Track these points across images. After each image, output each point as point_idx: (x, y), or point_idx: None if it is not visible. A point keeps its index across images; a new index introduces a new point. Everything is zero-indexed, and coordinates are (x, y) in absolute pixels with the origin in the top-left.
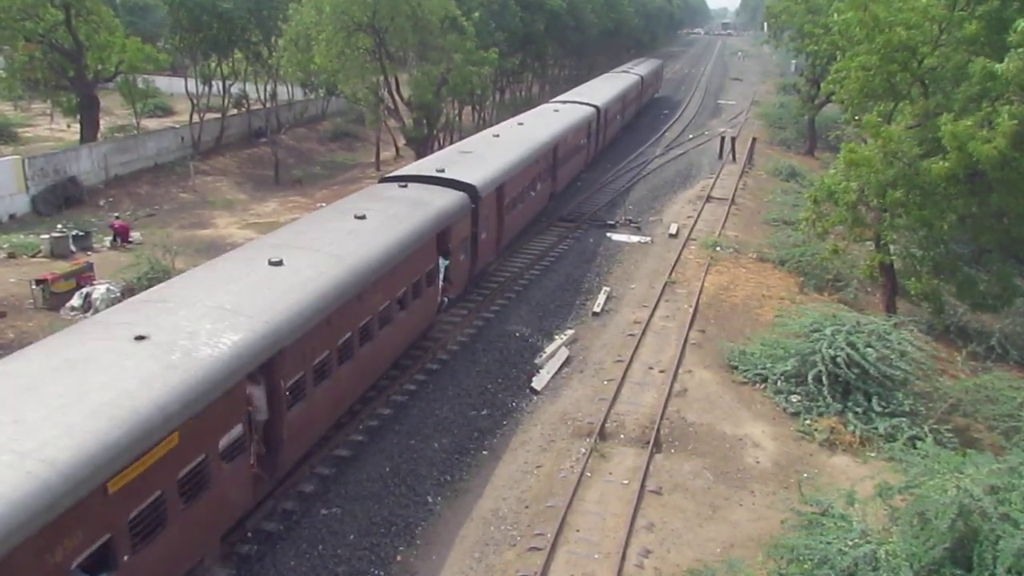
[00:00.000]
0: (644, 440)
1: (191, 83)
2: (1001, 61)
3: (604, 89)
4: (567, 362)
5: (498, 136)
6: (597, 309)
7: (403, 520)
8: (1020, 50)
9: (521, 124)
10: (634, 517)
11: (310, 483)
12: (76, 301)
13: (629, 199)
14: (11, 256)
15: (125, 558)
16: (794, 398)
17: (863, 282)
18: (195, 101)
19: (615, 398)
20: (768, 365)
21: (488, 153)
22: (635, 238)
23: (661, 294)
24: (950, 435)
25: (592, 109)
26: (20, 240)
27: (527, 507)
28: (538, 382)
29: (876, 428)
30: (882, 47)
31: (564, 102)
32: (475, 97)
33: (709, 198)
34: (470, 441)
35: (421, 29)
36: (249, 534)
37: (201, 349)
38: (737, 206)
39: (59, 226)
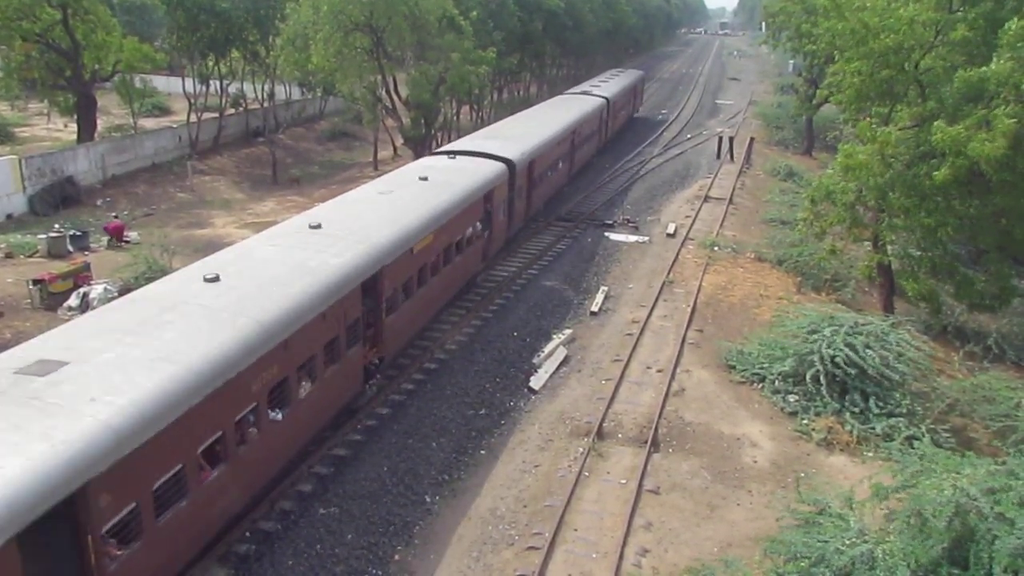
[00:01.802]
0: (642, 439)
1: (189, 83)
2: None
3: (538, 127)
4: (565, 361)
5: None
6: (595, 309)
7: (401, 519)
8: (1010, 52)
9: (269, 249)
10: (632, 516)
11: (308, 483)
12: (73, 301)
13: (627, 199)
14: (8, 256)
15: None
16: (792, 398)
17: (861, 282)
18: (193, 101)
19: (613, 397)
20: (766, 365)
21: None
22: (633, 238)
23: (659, 294)
24: (947, 435)
25: (500, 167)
26: (17, 240)
27: (525, 506)
28: (536, 382)
29: (873, 428)
30: (871, 53)
31: (455, 153)
32: (473, 96)
33: (707, 198)
34: (468, 440)
35: (419, 28)
36: (247, 534)
37: None
38: (735, 206)
39: (56, 226)
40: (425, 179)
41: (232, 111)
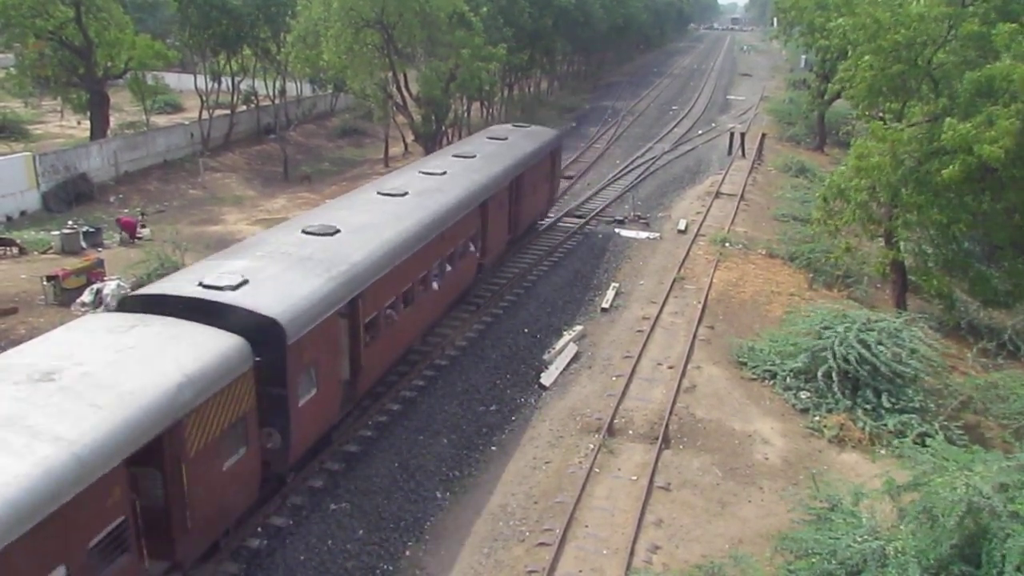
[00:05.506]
0: (653, 436)
1: (200, 80)
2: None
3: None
4: (575, 358)
5: None
6: (606, 305)
7: (412, 515)
8: (1006, 53)
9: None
10: (642, 513)
11: (319, 478)
12: (87, 297)
13: (638, 195)
14: (22, 252)
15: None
16: (803, 395)
17: (873, 278)
18: (204, 98)
19: (624, 394)
20: (777, 361)
21: None
22: (644, 234)
23: (670, 290)
24: (960, 432)
25: None
26: (31, 236)
27: (536, 503)
28: (547, 378)
29: (886, 425)
30: (883, 48)
31: None
32: (483, 93)
33: (718, 194)
34: (479, 437)
35: (429, 25)
36: (259, 528)
37: None
38: (746, 202)
39: (70, 222)
40: None
41: (243, 108)
